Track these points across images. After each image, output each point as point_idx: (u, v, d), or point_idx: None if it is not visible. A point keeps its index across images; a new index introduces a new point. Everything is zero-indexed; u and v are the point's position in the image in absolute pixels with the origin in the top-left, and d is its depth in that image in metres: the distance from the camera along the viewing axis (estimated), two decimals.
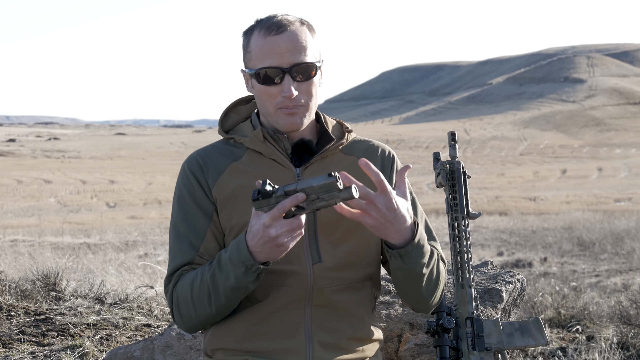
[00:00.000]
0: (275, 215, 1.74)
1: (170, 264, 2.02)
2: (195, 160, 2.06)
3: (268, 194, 1.73)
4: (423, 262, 1.93)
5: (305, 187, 1.72)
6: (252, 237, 1.80)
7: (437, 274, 1.99)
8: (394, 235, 1.86)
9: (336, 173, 1.69)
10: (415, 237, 1.88)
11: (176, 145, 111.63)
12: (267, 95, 1.98)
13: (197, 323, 1.97)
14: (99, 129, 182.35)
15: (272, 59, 1.95)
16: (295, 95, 1.95)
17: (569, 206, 32.31)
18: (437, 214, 26.06)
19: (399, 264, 1.92)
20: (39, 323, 4.22)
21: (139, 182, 55.36)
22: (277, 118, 1.99)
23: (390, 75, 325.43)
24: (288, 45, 1.95)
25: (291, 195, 1.73)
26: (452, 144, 2.16)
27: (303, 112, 1.99)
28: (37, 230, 21.68)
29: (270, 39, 1.96)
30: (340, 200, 1.73)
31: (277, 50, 1.95)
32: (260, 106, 2.03)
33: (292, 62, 1.95)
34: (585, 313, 4.95)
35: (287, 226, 1.76)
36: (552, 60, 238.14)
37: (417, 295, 1.99)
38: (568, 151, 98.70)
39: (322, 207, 1.75)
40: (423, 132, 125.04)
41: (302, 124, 2.00)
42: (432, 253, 1.98)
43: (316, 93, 2.01)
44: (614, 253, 16.48)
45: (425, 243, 1.93)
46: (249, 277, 1.85)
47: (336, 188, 1.70)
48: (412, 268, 1.92)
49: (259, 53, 1.97)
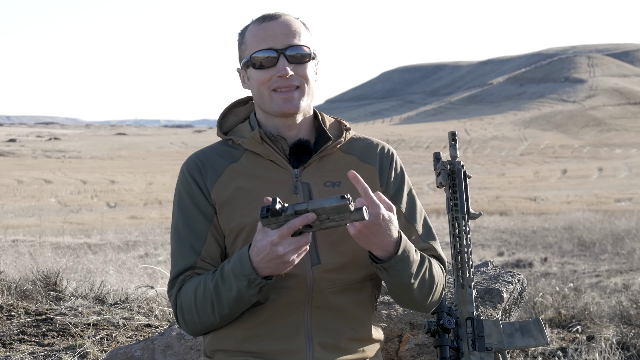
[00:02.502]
0: (284, 234, 1.74)
1: (173, 267, 2.02)
2: (193, 162, 2.06)
3: (278, 213, 1.72)
4: (410, 273, 1.92)
5: (317, 208, 1.70)
6: (257, 252, 1.80)
7: (430, 280, 1.98)
8: (376, 248, 1.86)
9: (349, 195, 1.68)
10: (399, 251, 1.87)
11: (177, 145, 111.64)
12: (262, 80, 1.98)
13: (201, 328, 1.98)
14: (99, 129, 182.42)
15: (266, 42, 1.97)
16: (290, 74, 1.95)
17: (569, 206, 32.30)
18: (438, 214, 26.06)
19: (384, 275, 1.92)
20: (40, 323, 4.22)
21: (140, 182, 55.35)
22: (272, 102, 1.99)
23: (391, 75, 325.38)
24: (282, 28, 1.97)
25: (301, 214, 1.72)
26: (453, 144, 2.16)
27: (299, 95, 1.99)
28: (37, 230, 21.70)
29: (264, 24, 1.98)
30: (350, 222, 1.72)
31: (272, 33, 1.97)
32: (256, 96, 2.03)
33: (287, 44, 1.96)
34: (586, 313, 4.95)
35: (295, 244, 1.76)
36: (553, 60, 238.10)
37: (410, 300, 2.00)
38: (568, 151, 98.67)
39: (331, 227, 1.74)
40: (423, 132, 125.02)
41: (298, 108, 1.99)
42: (422, 261, 1.96)
43: (312, 80, 2.01)
44: (615, 253, 16.48)
45: (412, 254, 1.92)
46: (252, 291, 1.86)
47: (347, 210, 1.69)
48: (398, 280, 1.92)
49: (253, 40, 1.99)
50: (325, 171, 2.03)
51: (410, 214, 2.07)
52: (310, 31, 2.04)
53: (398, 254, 1.87)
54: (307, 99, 2.01)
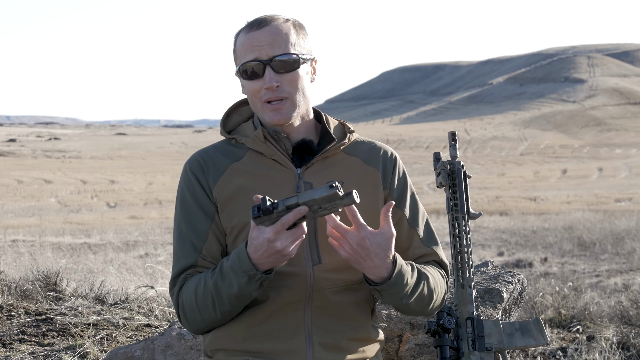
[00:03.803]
0: (278, 230, 1.76)
1: (174, 266, 2.02)
2: (196, 160, 2.06)
3: (269, 211, 1.73)
4: (404, 295, 1.94)
5: (307, 200, 1.72)
6: (255, 250, 1.81)
7: (428, 294, 2.00)
8: (368, 271, 1.88)
9: (337, 183, 1.70)
10: (392, 276, 1.89)
11: (177, 145, 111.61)
12: (252, 90, 1.99)
13: (204, 326, 1.99)
14: (99, 129, 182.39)
15: (252, 53, 1.97)
16: (276, 86, 1.95)
17: (569, 206, 32.28)
18: (438, 214, 26.06)
19: (378, 296, 1.95)
20: (40, 323, 4.22)
21: (140, 182, 55.34)
22: (264, 114, 1.99)
23: (391, 75, 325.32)
24: (267, 38, 1.96)
25: (293, 209, 1.73)
26: (453, 144, 2.16)
27: (289, 106, 1.98)
28: (37, 230, 21.71)
29: (250, 34, 1.98)
30: (342, 207, 1.73)
31: (257, 44, 1.96)
32: (251, 104, 2.04)
33: (272, 54, 1.96)
34: (586, 313, 4.95)
35: (291, 237, 1.78)
36: (553, 60, 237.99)
37: (408, 312, 2.03)
38: (568, 151, 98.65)
39: (324, 215, 1.76)
40: (423, 132, 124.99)
41: (290, 118, 1.99)
42: (418, 281, 1.97)
43: (303, 86, 2.00)
44: (615, 253, 16.48)
45: (407, 278, 1.92)
46: (253, 286, 1.87)
47: (338, 197, 1.70)
48: (391, 300, 1.95)
49: (241, 49, 1.99)
50: (328, 171, 2.03)
51: (413, 219, 2.08)
52: (305, 30, 2.03)
53: (390, 279, 1.89)
54: (298, 109, 2.00)
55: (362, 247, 1.83)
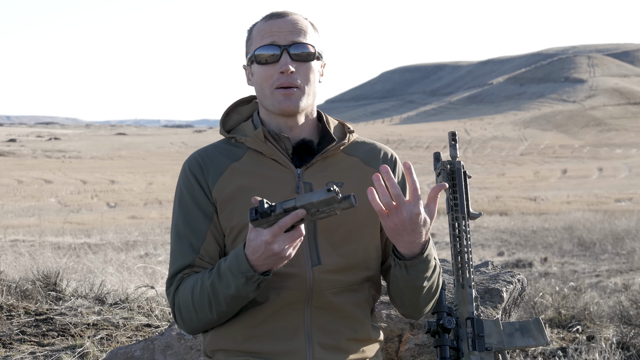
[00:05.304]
0: (276, 232, 1.75)
1: (171, 266, 2.02)
2: (195, 160, 2.05)
3: (267, 213, 1.73)
4: (426, 276, 1.96)
5: (305, 204, 1.71)
6: (253, 252, 1.80)
7: (436, 287, 2.02)
8: (405, 245, 1.88)
9: (335, 187, 1.69)
10: (424, 252, 1.91)
11: (177, 145, 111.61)
12: (265, 76, 1.98)
13: (199, 326, 1.98)
14: (99, 129, 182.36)
15: (270, 38, 1.97)
16: (292, 70, 1.95)
17: (569, 206, 32.29)
18: (438, 214, 25.98)
19: (402, 274, 1.94)
20: (40, 323, 4.22)
21: (140, 182, 55.33)
22: (273, 99, 1.99)
23: (391, 75, 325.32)
24: (288, 26, 1.98)
25: (291, 212, 1.73)
26: (453, 144, 2.15)
27: (299, 95, 1.98)
28: (37, 230, 21.68)
29: (270, 22, 1.99)
30: (340, 210, 1.73)
31: (277, 30, 1.97)
32: (259, 92, 2.03)
33: (290, 40, 1.97)
34: (586, 313, 4.95)
35: (289, 239, 1.77)
36: (553, 60, 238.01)
37: (414, 304, 2.03)
38: (568, 151, 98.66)
39: (322, 218, 1.75)
40: (423, 132, 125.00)
41: (298, 107, 1.99)
42: (435, 267, 2.00)
43: (314, 81, 2.01)
44: (615, 253, 16.48)
45: (432, 258, 1.96)
46: (250, 287, 1.86)
47: (336, 201, 1.70)
48: (413, 280, 1.95)
49: (258, 35, 2.00)
50: (328, 172, 2.03)
51: None
52: (319, 32, 2.05)
53: (423, 255, 1.91)
54: (307, 99, 2.00)
55: (412, 222, 1.83)
